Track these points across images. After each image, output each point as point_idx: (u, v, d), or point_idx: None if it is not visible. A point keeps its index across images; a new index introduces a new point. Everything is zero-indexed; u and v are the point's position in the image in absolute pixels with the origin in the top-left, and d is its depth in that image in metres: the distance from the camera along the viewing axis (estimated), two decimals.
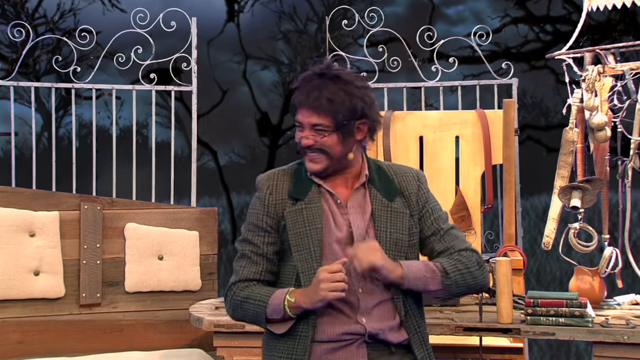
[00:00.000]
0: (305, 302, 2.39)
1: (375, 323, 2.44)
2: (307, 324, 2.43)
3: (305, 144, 2.48)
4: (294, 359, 2.44)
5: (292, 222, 2.48)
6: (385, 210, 2.50)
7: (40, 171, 4.68)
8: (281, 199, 2.52)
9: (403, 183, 2.57)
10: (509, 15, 7.61)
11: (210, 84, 7.46)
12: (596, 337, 3.10)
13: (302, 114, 2.47)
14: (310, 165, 2.50)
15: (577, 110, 3.76)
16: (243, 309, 2.50)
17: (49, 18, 7.41)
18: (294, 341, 2.45)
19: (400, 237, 2.48)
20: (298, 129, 2.49)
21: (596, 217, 3.88)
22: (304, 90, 2.47)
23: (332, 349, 2.43)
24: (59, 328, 4.12)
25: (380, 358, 2.45)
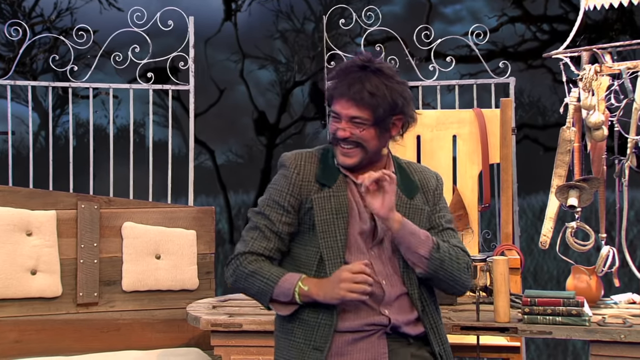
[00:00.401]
0: (319, 295, 2.38)
1: (396, 315, 2.45)
2: (330, 312, 2.42)
3: (341, 136, 2.45)
4: (313, 346, 2.42)
5: (319, 207, 2.47)
6: (405, 207, 2.51)
7: (37, 170, 4.68)
8: (307, 180, 2.50)
9: (423, 180, 2.60)
10: (506, 14, 7.61)
11: (207, 83, 7.46)
12: (593, 336, 3.10)
13: (341, 105, 2.44)
14: (343, 159, 2.48)
15: (574, 110, 3.77)
16: (248, 282, 2.46)
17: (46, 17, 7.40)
18: (314, 328, 2.43)
19: None
20: (334, 119, 2.46)
21: (593, 216, 3.89)
22: (345, 82, 2.44)
23: (353, 340, 2.43)
24: (56, 327, 4.11)
25: (399, 349, 2.45)
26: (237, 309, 3.63)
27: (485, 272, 3.54)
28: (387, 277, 2.46)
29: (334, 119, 2.46)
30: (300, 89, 7.85)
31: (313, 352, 2.42)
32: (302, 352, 2.44)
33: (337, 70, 2.49)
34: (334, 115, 2.46)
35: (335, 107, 2.46)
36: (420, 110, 4.69)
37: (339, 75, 2.46)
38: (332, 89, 2.47)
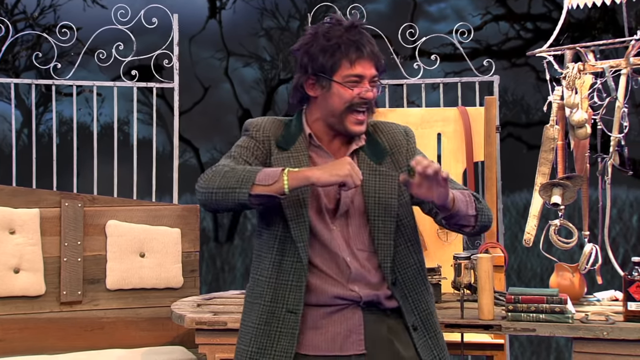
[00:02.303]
0: (313, 173, 2.26)
1: (368, 290, 2.39)
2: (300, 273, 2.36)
3: (370, 97, 2.38)
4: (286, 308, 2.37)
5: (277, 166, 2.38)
6: (374, 174, 2.44)
7: (20, 168, 4.65)
8: (268, 138, 2.45)
9: (391, 141, 2.51)
10: (490, 12, 7.64)
11: (192, 80, 7.44)
12: (576, 333, 3.12)
13: (362, 67, 2.37)
14: (358, 127, 2.41)
15: (558, 108, 3.78)
16: (226, 177, 2.31)
17: (29, 14, 7.36)
18: (286, 291, 2.38)
19: (390, 202, 2.42)
20: (352, 84, 2.37)
21: (576, 214, 3.91)
22: (355, 42, 2.37)
23: (326, 313, 2.39)
24: (39, 326, 4.09)
25: (375, 321, 2.40)
26: (222, 307, 3.63)
27: (470, 270, 3.55)
28: (351, 254, 2.39)
29: (352, 83, 2.37)
30: (285, 87, 7.85)
31: (287, 315, 2.37)
32: (273, 315, 2.38)
33: (325, 32, 2.39)
34: (354, 79, 2.37)
35: (355, 69, 2.37)
36: (405, 109, 4.70)
37: (337, 38, 2.37)
38: (342, 52, 2.36)
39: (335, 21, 2.42)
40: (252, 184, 2.28)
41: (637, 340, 3.07)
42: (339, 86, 2.38)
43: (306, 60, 2.41)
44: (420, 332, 2.44)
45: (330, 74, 2.38)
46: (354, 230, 2.42)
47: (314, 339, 2.39)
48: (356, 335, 2.39)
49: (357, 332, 2.39)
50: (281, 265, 2.39)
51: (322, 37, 2.39)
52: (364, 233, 2.42)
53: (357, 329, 2.39)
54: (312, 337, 2.39)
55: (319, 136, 2.46)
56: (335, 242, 2.39)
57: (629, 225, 7.31)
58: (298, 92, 2.46)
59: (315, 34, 2.41)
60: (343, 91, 2.38)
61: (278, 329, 2.38)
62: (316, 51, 2.39)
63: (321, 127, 2.46)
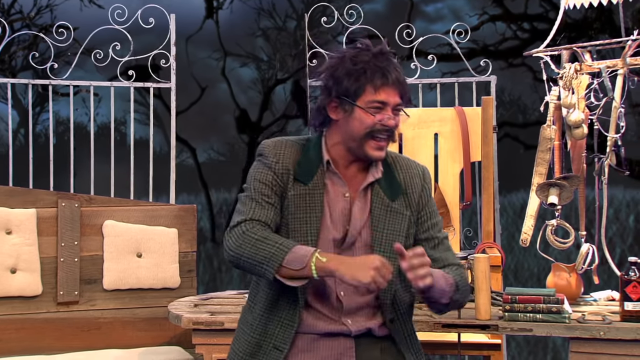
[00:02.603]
0: (339, 270, 2.23)
1: (360, 323, 2.41)
2: (293, 313, 2.38)
3: (392, 124, 2.37)
4: (273, 345, 2.39)
5: (294, 204, 2.39)
6: (385, 210, 2.43)
7: (17, 168, 4.64)
8: (287, 170, 2.42)
9: (408, 180, 2.51)
10: (487, 13, 7.65)
11: (188, 80, 7.44)
12: (573, 333, 3.12)
13: (387, 93, 2.36)
14: (378, 153, 2.40)
15: (555, 108, 3.79)
16: (256, 247, 2.29)
17: (26, 14, 7.35)
18: (276, 327, 2.40)
19: (397, 239, 2.41)
20: (375, 110, 2.36)
21: (573, 214, 3.91)
22: (381, 69, 2.36)
23: (318, 337, 2.40)
24: (36, 326, 4.09)
25: (368, 344, 2.41)
26: (219, 308, 3.62)
27: (467, 270, 3.55)
28: (348, 287, 2.36)
29: (375, 109, 2.36)
30: (282, 87, 7.85)
31: (273, 351, 2.39)
32: (260, 349, 2.40)
33: (353, 57, 2.38)
34: (377, 105, 2.36)
35: (379, 96, 2.36)
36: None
37: (364, 63, 2.36)
38: (367, 77, 2.36)
39: (365, 46, 2.42)
40: (279, 265, 2.28)
41: (634, 340, 3.07)
42: (362, 111, 2.37)
43: (331, 83, 2.40)
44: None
45: (353, 98, 2.37)
46: None
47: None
48: (347, 358, 2.40)
49: (349, 355, 2.41)
50: (277, 302, 2.41)
51: (348, 61, 2.38)
52: None
53: (348, 351, 2.41)
54: (303, 358, 2.40)
55: (336, 161, 2.45)
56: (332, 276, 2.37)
57: (626, 225, 7.32)
58: (320, 115, 2.45)
59: (342, 57, 2.41)
60: (365, 116, 2.37)
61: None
62: (342, 74, 2.38)
63: (340, 151, 2.45)
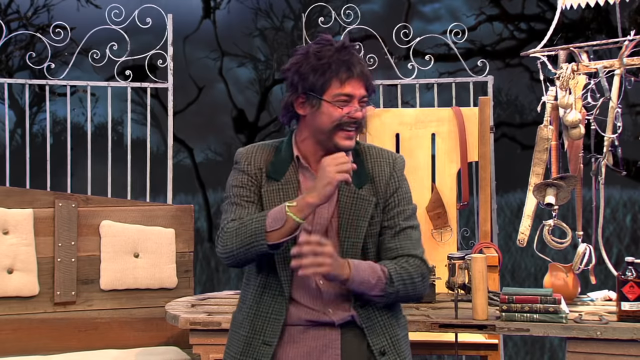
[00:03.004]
0: (313, 197, 2.31)
1: (342, 312, 2.42)
2: (280, 306, 2.41)
3: (359, 116, 2.41)
4: (262, 340, 2.41)
5: (267, 201, 2.43)
6: (352, 198, 2.45)
7: (14, 168, 4.64)
8: (259, 168, 2.47)
9: (376, 168, 2.52)
10: (484, 13, 7.66)
11: (186, 80, 7.44)
12: (570, 333, 3.13)
13: (352, 86, 2.40)
14: (348, 143, 2.43)
15: (552, 108, 3.79)
16: (238, 234, 2.36)
17: (23, 14, 7.35)
18: (264, 322, 2.42)
19: (360, 224, 2.43)
20: (342, 103, 2.40)
21: (570, 214, 3.92)
22: (345, 62, 2.39)
23: (304, 329, 2.42)
24: (33, 326, 4.08)
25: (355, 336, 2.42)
26: (216, 308, 3.62)
27: (464, 270, 3.56)
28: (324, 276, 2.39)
29: (342, 102, 2.40)
30: (280, 87, 7.85)
31: (262, 347, 2.41)
32: (250, 346, 2.43)
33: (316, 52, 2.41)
34: (343, 98, 2.40)
35: (344, 89, 2.39)
36: (399, 109, 4.70)
37: (327, 57, 2.39)
38: (332, 71, 2.39)
39: (326, 41, 2.44)
40: (265, 234, 2.32)
41: (631, 340, 3.08)
42: (329, 105, 2.40)
43: (297, 79, 2.43)
44: (389, 357, 2.44)
45: (320, 92, 2.40)
46: None
47: (290, 353, 2.42)
48: (333, 350, 2.42)
49: (334, 347, 2.42)
50: (262, 298, 2.44)
51: (313, 57, 2.41)
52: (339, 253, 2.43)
53: (333, 343, 2.42)
54: (288, 350, 2.42)
55: (306, 157, 2.48)
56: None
57: (623, 225, 7.33)
58: (288, 111, 2.48)
59: (306, 53, 2.43)
60: (332, 110, 2.40)
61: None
62: (307, 70, 2.41)
63: (310, 146, 2.47)
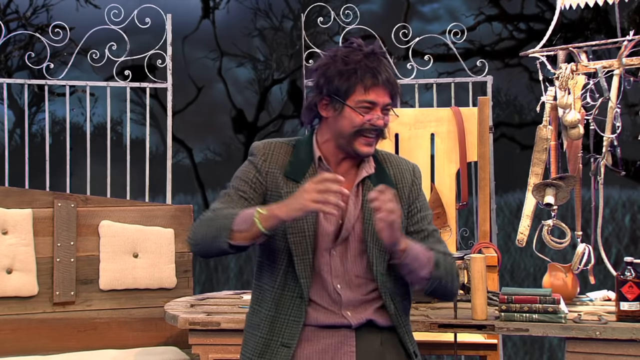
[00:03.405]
0: (281, 211, 2.26)
1: (361, 315, 2.42)
2: (299, 309, 2.40)
3: (381, 124, 2.40)
4: (280, 342, 2.40)
5: None
6: None
7: (13, 168, 4.64)
8: (274, 170, 2.45)
9: (398, 175, 2.53)
10: (483, 13, 7.66)
11: (185, 80, 7.44)
12: (569, 333, 3.13)
13: (376, 94, 2.39)
14: (367, 149, 2.42)
15: (551, 108, 3.79)
16: (208, 225, 2.35)
17: (21, 14, 7.35)
18: (283, 324, 2.41)
19: None
20: (365, 109, 2.39)
21: (569, 214, 3.92)
22: (372, 69, 2.38)
23: (317, 330, 2.42)
24: (32, 326, 4.08)
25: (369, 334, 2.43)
26: (215, 308, 3.62)
27: (463, 270, 3.56)
28: (344, 280, 2.41)
29: (364, 108, 2.39)
30: (279, 87, 7.86)
31: (280, 349, 2.40)
32: (268, 348, 2.42)
33: (344, 56, 2.41)
34: (366, 104, 2.39)
35: (369, 96, 2.38)
36: (398, 109, 4.70)
37: (355, 63, 2.39)
38: (358, 77, 2.38)
39: (356, 45, 2.44)
40: (230, 232, 2.30)
41: (630, 340, 3.08)
42: (351, 110, 2.40)
43: (322, 81, 2.42)
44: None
45: (344, 97, 2.40)
46: (352, 257, 2.44)
47: (306, 350, 2.42)
48: (347, 347, 2.42)
49: (349, 344, 2.42)
50: (281, 300, 2.43)
51: (340, 60, 2.41)
52: (361, 260, 2.44)
53: (348, 340, 2.42)
54: (304, 348, 2.42)
55: (327, 158, 2.47)
56: (328, 267, 2.40)
57: (622, 225, 7.33)
58: (311, 112, 2.48)
59: (334, 56, 2.43)
60: (354, 115, 2.40)
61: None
62: (333, 73, 2.40)
63: (331, 148, 2.47)
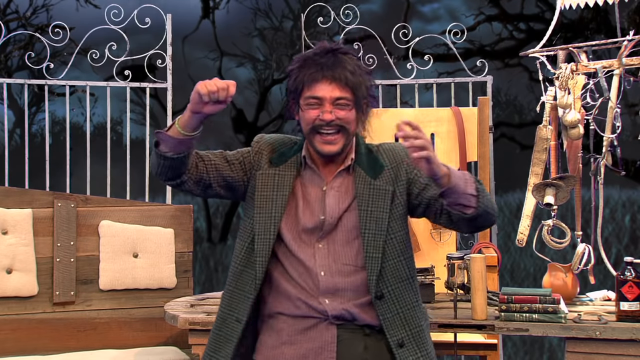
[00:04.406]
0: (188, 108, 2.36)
1: (338, 304, 2.39)
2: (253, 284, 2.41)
3: (328, 119, 2.36)
4: (235, 317, 2.44)
5: (261, 183, 2.45)
6: (368, 189, 2.43)
7: (13, 168, 4.64)
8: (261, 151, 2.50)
9: (391, 157, 2.49)
10: (483, 13, 7.66)
11: (185, 80, 7.42)
12: (569, 332, 3.13)
13: (321, 89, 2.36)
14: (327, 148, 2.40)
15: (551, 108, 3.79)
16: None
17: (21, 14, 7.35)
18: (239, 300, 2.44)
19: (381, 216, 2.40)
20: (311, 106, 2.37)
21: (569, 214, 3.92)
22: (320, 65, 2.36)
23: (303, 329, 2.41)
24: (32, 326, 4.08)
25: (352, 339, 2.40)
26: (215, 308, 3.61)
27: (463, 270, 3.56)
28: (328, 268, 2.39)
29: (309, 106, 2.37)
30: (279, 87, 7.86)
31: (234, 324, 2.44)
32: (225, 322, 2.46)
33: (303, 57, 2.41)
34: (313, 101, 2.37)
35: (314, 91, 2.36)
36: (398, 109, 4.70)
37: (307, 61, 2.39)
38: (304, 74, 2.37)
39: (319, 46, 2.43)
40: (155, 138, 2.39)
41: (630, 340, 3.08)
42: (301, 109, 2.41)
43: (289, 84, 2.45)
44: (409, 349, 2.41)
45: (297, 96, 2.41)
46: (341, 246, 2.43)
47: (287, 354, 2.42)
48: (328, 353, 2.40)
49: (329, 350, 2.40)
50: (241, 275, 2.46)
51: (302, 58, 2.42)
52: (351, 248, 2.42)
53: (329, 346, 2.40)
54: (285, 351, 2.42)
55: (314, 159, 2.48)
56: (313, 259, 2.40)
57: (622, 225, 7.34)
58: (289, 116, 2.50)
59: (298, 59, 2.43)
60: (304, 113, 2.40)
61: (225, 336, 2.46)
62: (291, 75, 2.42)
63: (310, 149, 2.47)
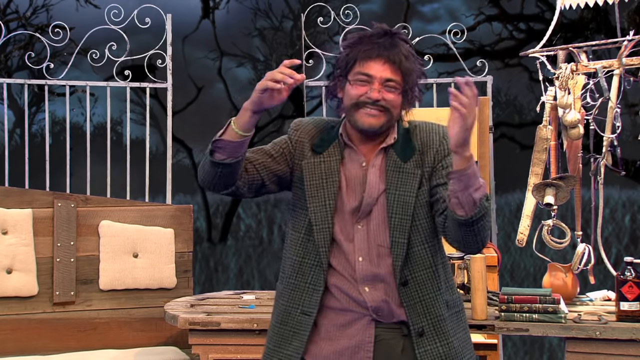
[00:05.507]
0: (247, 104, 2.34)
1: (378, 292, 2.39)
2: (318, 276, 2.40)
3: (375, 97, 2.34)
4: (301, 310, 2.42)
5: (309, 173, 2.43)
6: (398, 172, 2.42)
7: (13, 168, 4.64)
8: (302, 140, 2.48)
9: (424, 139, 2.47)
10: (483, 13, 7.66)
11: (185, 80, 7.44)
12: (569, 332, 3.13)
13: (374, 67, 2.35)
14: (369, 120, 2.37)
15: (551, 108, 3.79)
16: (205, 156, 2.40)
17: (21, 14, 7.35)
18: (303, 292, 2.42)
19: (407, 200, 2.39)
20: (360, 82, 2.36)
21: (569, 214, 3.92)
22: (377, 44, 2.35)
23: (342, 325, 2.41)
24: (32, 326, 4.08)
25: (390, 339, 2.40)
26: (215, 308, 3.62)
27: (463, 270, 3.56)
28: (368, 254, 2.39)
29: (360, 82, 2.37)
30: None
31: (301, 317, 2.42)
32: (289, 315, 2.43)
33: (359, 35, 2.40)
34: (363, 77, 2.36)
35: (365, 68, 2.36)
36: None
37: (363, 39, 2.38)
38: (359, 50, 2.37)
39: (376, 27, 2.42)
40: (211, 151, 2.37)
41: (630, 340, 3.08)
42: (349, 84, 2.39)
43: (337, 63, 2.45)
44: (428, 338, 2.40)
45: (345, 72, 2.40)
46: (377, 225, 2.41)
47: (324, 349, 2.42)
48: (365, 352, 2.40)
49: (366, 350, 2.40)
50: (301, 267, 2.44)
51: (358, 35, 2.41)
52: (385, 229, 2.41)
53: (366, 345, 2.40)
54: (323, 346, 2.42)
55: (351, 136, 2.47)
56: (352, 244, 2.40)
57: (622, 225, 7.33)
58: (333, 96, 2.48)
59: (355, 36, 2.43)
60: (351, 88, 2.39)
61: (291, 330, 2.43)
62: (344, 50, 2.42)
63: (350, 127, 2.46)
